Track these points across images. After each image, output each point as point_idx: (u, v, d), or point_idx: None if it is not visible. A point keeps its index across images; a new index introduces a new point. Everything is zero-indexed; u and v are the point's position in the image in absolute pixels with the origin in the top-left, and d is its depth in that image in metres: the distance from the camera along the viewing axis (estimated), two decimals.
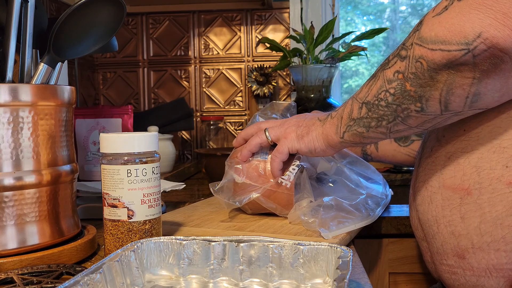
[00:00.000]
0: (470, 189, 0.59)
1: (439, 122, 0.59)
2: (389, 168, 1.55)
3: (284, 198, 0.74)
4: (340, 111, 0.67)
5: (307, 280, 0.49)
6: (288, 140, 0.71)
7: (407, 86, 0.56)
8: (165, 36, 1.69)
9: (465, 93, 0.53)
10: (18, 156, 0.55)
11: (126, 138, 0.57)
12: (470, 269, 0.60)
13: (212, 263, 0.50)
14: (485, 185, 0.58)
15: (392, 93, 0.57)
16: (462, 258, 0.61)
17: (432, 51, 0.52)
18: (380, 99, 0.59)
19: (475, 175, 0.59)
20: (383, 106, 0.59)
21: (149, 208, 0.57)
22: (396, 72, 0.57)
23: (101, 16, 0.61)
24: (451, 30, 0.50)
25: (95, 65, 1.70)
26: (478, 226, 0.58)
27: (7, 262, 0.54)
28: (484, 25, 0.48)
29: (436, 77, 0.53)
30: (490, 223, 0.57)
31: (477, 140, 0.59)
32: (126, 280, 0.47)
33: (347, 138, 0.66)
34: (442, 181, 0.62)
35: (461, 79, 0.52)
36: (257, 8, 1.65)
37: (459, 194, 0.60)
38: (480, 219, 0.58)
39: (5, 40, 0.59)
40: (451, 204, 0.61)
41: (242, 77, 1.68)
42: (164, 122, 1.47)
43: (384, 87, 0.58)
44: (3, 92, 0.54)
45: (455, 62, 0.51)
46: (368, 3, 2.18)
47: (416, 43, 0.54)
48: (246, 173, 0.75)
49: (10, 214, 0.55)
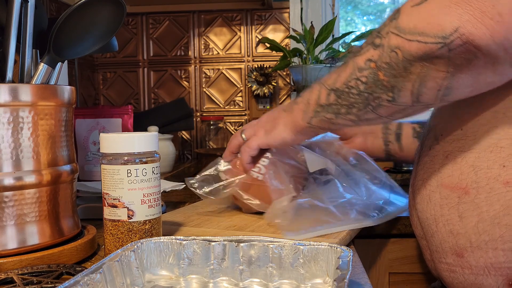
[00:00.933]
0: (467, 188, 0.59)
1: (409, 113, 0.58)
2: (389, 168, 1.55)
3: (261, 192, 0.75)
4: (306, 96, 0.67)
5: (307, 280, 0.49)
6: (258, 136, 0.74)
7: (380, 75, 0.55)
8: (165, 36, 1.69)
9: (437, 86, 0.53)
10: (18, 156, 0.55)
11: (126, 138, 0.57)
12: (469, 268, 0.60)
13: (212, 263, 0.50)
14: (483, 184, 0.58)
15: (364, 81, 0.57)
16: (460, 257, 0.61)
17: (409, 41, 0.51)
18: (351, 87, 0.59)
19: (473, 174, 0.59)
20: (355, 94, 0.59)
21: (149, 208, 0.57)
22: (368, 60, 0.56)
23: (101, 16, 0.61)
24: (430, 22, 0.50)
25: (95, 65, 1.70)
26: (476, 225, 0.58)
27: (7, 262, 0.54)
28: (462, 21, 0.48)
29: (410, 69, 0.53)
30: (488, 222, 0.57)
31: (474, 139, 0.59)
32: (126, 280, 0.47)
33: (315, 123, 0.66)
34: (440, 180, 0.62)
35: (435, 72, 0.52)
36: (257, 8, 1.65)
37: (457, 193, 0.60)
38: (478, 218, 0.58)
39: (5, 40, 0.59)
40: (449, 203, 0.61)
41: (242, 77, 1.68)
42: (164, 122, 1.47)
43: (354, 74, 0.58)
44: (3, 92, 0.54)
45: (431, 54, 0.50)
46: (368, 3, 2.18)
47: (392, 32, 0.53)
48: (229, 171, 0.79)
49: (10, 214, 0.55)
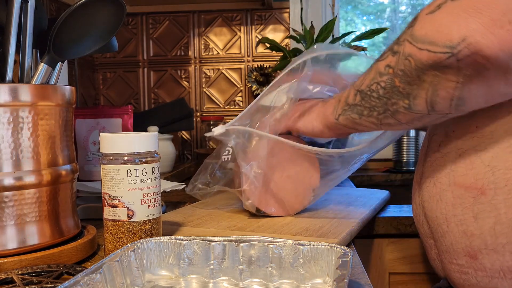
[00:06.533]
0: (484, 189, 0.58)
1: (428, 121, 0.58)
2: (389, 168, 1.55)
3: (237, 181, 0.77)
4: (340, 94, 0.68)
5: (307, 280, 0.49)
6: (290, 118, 0.74)
7: (396, 81, 0.56)
8: (165, 36, 1.69)
9: (449, 95, 0.53)
10: (18, 156, 0.55)
11: (126, 138, 0.57)
12: (483, 270, 0.59)
13: (212, 263, 0.50)
14: (501, 185, 0.56)
15: (383, 86, 0.58)
16: (474, 259, 0.59)
17: (420, 50, 0.51)
18: (372, 90, 0.60)
19: (489, 174, 0.57)
20: (375, 97, 0.60)
21: (149, 208, 0.57)
22: (387, 66, 0.57)
23: (101, 16, 0.61)
24: (439, 31, 0.49)
25: (95, 65, 1.70)
26: (492, 227, 0.57)
27: (7, 262, 0.54)
28: (470, 30, 0.47)
29: (422, 77, 0.53)
30: (506, 225, 0.56)
31: (491, 138, 0.58)
32: (126, 280, 0.47)
33: (341, 121, 0.67)
34: (453, 178, 0.61)
35: (446, 82, 0.51)
36: (257, 8, 1.65)
37: (472, 193, 0.59)
38: (495, 220, 0.57)
39: (5, 40, 0.59)
40: (463, 203, 0.59)
41: (242, 77, 1.68)
42: (164, 122, 1.47)
43: (376, 79, 0.59)
44: (3, 92, 0.54)
45: (440, 64, 0.50)
46: (368, 3, 2.18)
47: (407, 40, 0.53)
48: None
49: (10, 214, 0.55)
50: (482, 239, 0.58)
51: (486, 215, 0.57)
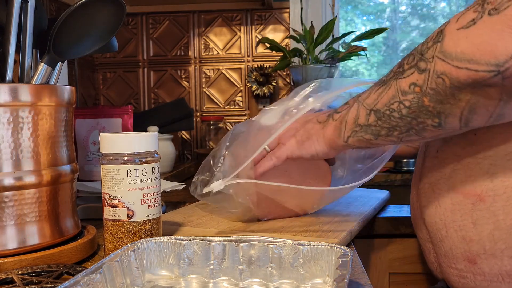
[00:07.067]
0: (483, 196, 0.57)
1: (455, 133, 0.57)
2: (388, 168, 1.55)
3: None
4: (343, 114, 0.63)
5: (307, 280, 0.49)
6: (288, 146, 0.68)
7: (425, 101, 0.52)
8: (165, 36, 1.69)
9: (488, 113, 0.51)
10: (18, 156, 0.55)
11: (126, 138, 0.57)
12: (481, 274, 0.59)
13: (212, 263, 0.50)
14: (500, 192, 0.56)
15: (408, 105, 0.54)
16: (473, 263, 0.60)
17: (457, 69, 0.48)
18: (393, 110, 0.55)
19: (488, 181, 0.57)
20: (396, 117, 0.56)
21: (149, 208, 0.57)
22: (412, 84, 0.53)
23: (101, 16, 0.61)
24: (481, 49, 0.46)
25: (95, 65, 1.70)
26: (491, 233, 0.57)
27: (7, 262, 0.54)
28: None
29: (458, 96, 0.50)
30: (505, 231, 0.56)
31: (489, 146, 0.57)
32: (126, 280, 0.47)
33: (351, 142, 0.63)
34: (452, 184, 0.61)
35: (486, 100, 0.49)
36: (257, 8, 1.66)
37: (470, 199, 0.59)
38: (493, 226, 0.57)
39: (5, 40, 0.59)
40: (462, 209, 0.59)
41: (242, 77, 1.68)
42: (164, 122, 1.48)
43: (397, 98, 0.55)
44: (3, 92, 0.54)
45: (482, 83, 0.47)
46: (368, 3, 2.18)
47: (438, 57, 0.50)
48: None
49: (10, 214, 0.55)
50: (481, 244, 0.58)
51: (485, 221, 0.58)
